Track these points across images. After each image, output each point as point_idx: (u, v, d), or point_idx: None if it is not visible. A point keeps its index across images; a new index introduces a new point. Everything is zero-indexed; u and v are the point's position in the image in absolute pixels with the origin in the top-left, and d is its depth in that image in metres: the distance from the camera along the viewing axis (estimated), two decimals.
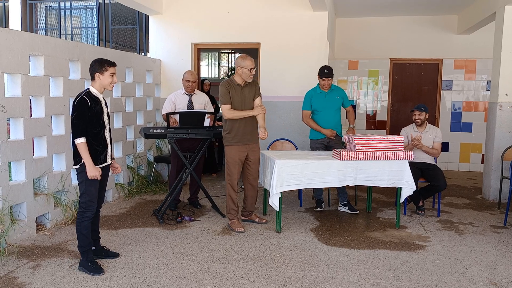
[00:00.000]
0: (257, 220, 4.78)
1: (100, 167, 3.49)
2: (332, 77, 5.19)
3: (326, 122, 5.17)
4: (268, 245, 4.12)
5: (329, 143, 5.21)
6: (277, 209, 4.42)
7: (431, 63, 8.29)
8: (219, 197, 5.82)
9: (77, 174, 3.50)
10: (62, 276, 3.38)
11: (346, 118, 5.43)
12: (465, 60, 8.13)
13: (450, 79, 8.23)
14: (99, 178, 3.43)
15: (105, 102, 3.61)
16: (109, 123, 3.64)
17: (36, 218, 4.36)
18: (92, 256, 3.53)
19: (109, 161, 3.65)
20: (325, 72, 5.11)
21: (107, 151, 3.60)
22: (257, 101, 4.59)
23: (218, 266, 3.62)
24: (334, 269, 3.59)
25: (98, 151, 3.50)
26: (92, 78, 3.51)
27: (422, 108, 5.28)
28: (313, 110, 5.24)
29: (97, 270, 3.42)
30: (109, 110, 3.68)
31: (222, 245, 4.11)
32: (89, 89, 3.50)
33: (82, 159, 3.39)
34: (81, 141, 3.37)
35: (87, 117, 3.39)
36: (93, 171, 3.38)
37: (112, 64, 3.53)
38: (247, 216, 4.81)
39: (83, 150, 3.37)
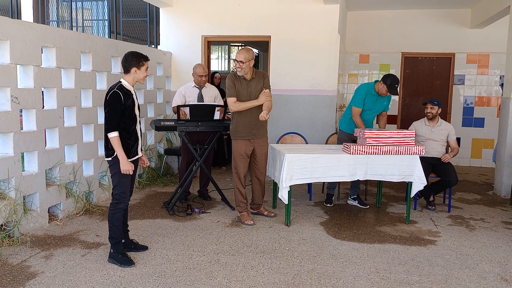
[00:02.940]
0: (265, 213, 4.79)
1: (132, 160, 3.51)
2: None
3: (364, 122, 5.03)
4: (278, 238, 4.13)
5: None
6: (286, 202, 4.42)
7: (443, 58, 8.20)
8: (229, 189, 5.83)
9: (109, 167, 3.51)
10: (74, 265, 3.42)
11: (377, 122, 5.34)
12: (478, 55, 8.03)
13: (462, 74, 8.13)
14: (131, 172, 3.45)
15: (136, 94, 3.60)
16: (139, 116, 3.64)
17: (48, 208, 4.41)
18: (122, 248, 3.55)
19: (140, 154, 3.65)
20: (395, 87, 4.82)
21: (138, 143, 3.59)
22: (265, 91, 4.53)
23: (227, 258, 3.64)
24: (344, 262, 3.59)
25: (130, 144, 3.50)
26: (127, 72, 3.49)
27: (435, 102, 5.23)
28: None
29: (128, 262, 3.44)
30: (139, 103, 3.68)
31: (231, 237, 4.13)
32: (121, 82, 3.48)
33: (114, 152, 3.40)
34: (114, 135, 3.36)
35: (120, 111, 3.38)
36: (126, 165, 3.40)
37: (147, 59, 3.57)
38: (255, 209, 4.82)
39: (116, 144, 3.37)
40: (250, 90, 4.47)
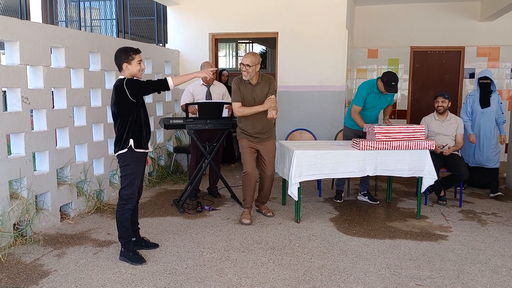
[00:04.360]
0: (263, 211, 4.76)
1: (143, 151, 3.50)
2: None
3: (368, 118, 5.02)
4: (288, 235, 4.13)
5: (363, 134, 5.09)
6: (296, 199, 4.41)
7: (453, 51, 8.11)
8: (238, 186, 5.84)
9: (120, 167, 3.49)
10: (86, 263, 3.46)
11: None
12: (488, 48, 7.93)
13: (472, 67, 8.04)
14: (210, 73, 3.75)
15: None
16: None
17: (60, 207, 4.45)
18: (133, 246, 3.57)
19: (150, 149, 3.63)
20: (392, 85, 4.74)
21: (148, 141, 3.57)
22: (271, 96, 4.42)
23: (238, 254, 3.64)
24: (354, 258, 3.59)
25: (143, 136, 3.48)
26: (120, 69, 3.45)
27: (446, 96, 5.19)
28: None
29: (139, 260, 3.45)
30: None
31: (241, 234, 4.14)
32: (123, 78, 3.42)
33: (129, 142, 3.37)
34: (170, 79, 3.45)
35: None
36: (202, 73, 3.73)
37: (137, 51, 3.46)
38: (258, 206, 4.84)
39: (183, 77, 3.54)
40: (255, 95, 4.40)
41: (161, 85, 3.46)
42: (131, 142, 3.40)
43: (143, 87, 3.40)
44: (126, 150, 3.41)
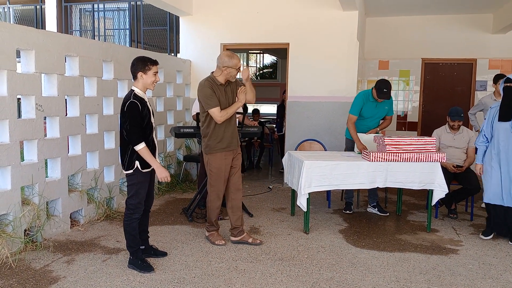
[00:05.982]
0: (250, 240, 4.13)
1: (150, 170, 3.51)
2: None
3: (367, 128, 5.09)
4: (296, 246, 4.11)
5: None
6: (305, 209, 4.40)
7: (464, 63, 8.07)
8: (247, 196, 5.84)
9: (127, 177, 3.49)
10: (95, 270, 3.47)
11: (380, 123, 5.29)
12: (500, 60, 7.88)
13: (484, 80, 7.99)
14: (169, 179, 3.44)
15: (149, 102, 3.54)
16: (155, 123, 3.59)
17: (70, 214, 4.49)
18: (142, 254, 3.57)
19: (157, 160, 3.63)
20: (384, 92, 4.83)
21: (155, 153, 3.57)
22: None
23: (246, 265, 3.64)
24: (363, 271, 3.56)
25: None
26: (135, 78, 3.44)
27: (462, 115, 5.16)
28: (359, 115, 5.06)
29: (147, 268, 3.45)
30: (154, 110, 3.64)
31: (250, 244, 4.13)
32: (133, 90, 3.42)
33: (134, 164, 3.37)
34: (142, 146, 3.31)
35: (140, 120, 3.33)
36: (164, 173, 3.40)
37: (155, 63, 3.45)
38: (238, 235, 4.15)
39: (147, 155, 3.33)
40: (228, 96, 4.02)
41: (134, 142, 3.32)
42: (137, 164, 3.41)
43: (132, 125, 3.31)
44: (132, 171, 3.42)
